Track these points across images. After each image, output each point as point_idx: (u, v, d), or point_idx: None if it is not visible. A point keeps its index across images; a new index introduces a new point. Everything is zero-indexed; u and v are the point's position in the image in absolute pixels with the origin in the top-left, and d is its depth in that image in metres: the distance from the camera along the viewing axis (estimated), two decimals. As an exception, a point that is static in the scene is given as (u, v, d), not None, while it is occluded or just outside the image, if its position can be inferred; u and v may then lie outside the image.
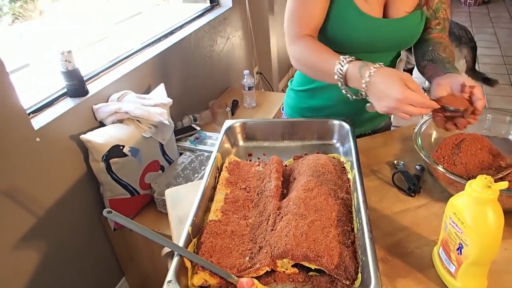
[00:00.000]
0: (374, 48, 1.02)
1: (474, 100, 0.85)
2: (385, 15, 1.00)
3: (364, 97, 0.86)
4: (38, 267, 1.42)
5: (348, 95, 0.90)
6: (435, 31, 1.07)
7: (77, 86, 1.50)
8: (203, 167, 1.74)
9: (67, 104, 1.48)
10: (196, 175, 1.69)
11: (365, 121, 1.19)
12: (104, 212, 0.67)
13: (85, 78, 1.56)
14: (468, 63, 2.91)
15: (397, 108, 0.78)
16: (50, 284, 1.49)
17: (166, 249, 0.84)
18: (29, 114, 1.38)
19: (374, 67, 0.80)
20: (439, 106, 0.82)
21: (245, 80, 2.34)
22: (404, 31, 1.02)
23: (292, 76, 1.25)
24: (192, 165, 1.74)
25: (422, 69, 1.04)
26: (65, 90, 1.52)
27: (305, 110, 1.21)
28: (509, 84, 3.54)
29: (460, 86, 0.87)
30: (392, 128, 1.34)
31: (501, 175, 0.87)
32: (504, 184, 0.60)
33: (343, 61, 0.85)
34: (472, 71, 2.94)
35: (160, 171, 1.71)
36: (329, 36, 0.99)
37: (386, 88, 0.78)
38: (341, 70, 0.85)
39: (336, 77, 0.86)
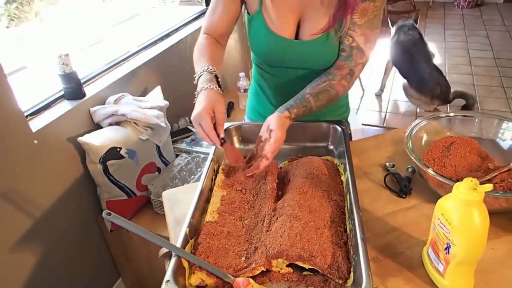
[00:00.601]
0: (284, 64, 1.09)
1: (258, 155, 0.94)
2: (299, 36, 1.04)
3: None
4: (35, 267, 1.43)
5: None
6: (340, 58, 1.03)
7: (74, 89, 1.51)
8: (199, 169, 1.76)
9: (65, 106, 1.49)
10: (192, 176, 1.71)
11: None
12: (104, 214, 0.69)
13: (82, 81, 1.58)
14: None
15: (194, 122, 0.91)
16: (47, 284, 1.50)
17: (163, 250, 0.86)
18: (26, 116, 1.39)
19: (204, 88, 0.94)
20: (218, 144, 0.92)
21: (240, 82, 2.36)
22: (310, 52, 1.04)
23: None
24: (189, 166, 1.76)
25: None
26: (62, 92, 1.53)
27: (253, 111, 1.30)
28: (501, 86, 3.59)
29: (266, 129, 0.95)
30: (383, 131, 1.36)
31: (488, 177, 0.90)
32: (488, 187, 0.63)
33: (202, 69, 0.99)
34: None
35: (157, 173, 1.72)
36: (250, 47, 1.11)
37: (197, 104, 0.92)
38: (197, 76, 0.99)
39: (197, 73, 1.00)
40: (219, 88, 0.96)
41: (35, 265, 1.43)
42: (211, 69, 0.98)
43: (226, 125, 1.12)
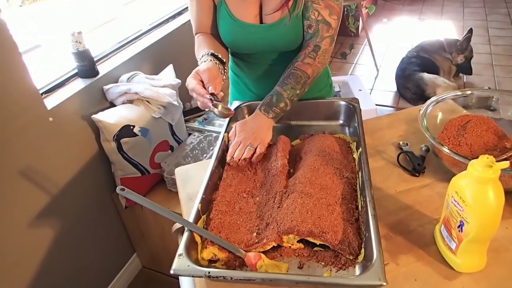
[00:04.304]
0: (253, 50, 1.10)
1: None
2: (263, 20, 1.04)
3: None
4: (52, 243, 1.48)
5: None
6: (307, 37, 1.02)
7: (87, 67, 1.52)
8: (211, 147, 1.77)
9: (78, 84, 1.51)
10: (204, 155, 1.72)
11: None
12: (118, 189, 0.70)
13: (95, 59, 1.58)
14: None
15: (191, 76, 0.93)
16: (64, 259, 1.55)
17: (176, 226, 0.87)
18: (41, 94, 1.41)
19: (210, 60, 0.96)
20: (208, 103, 0.90)
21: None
22: (275, 35, 1.03)
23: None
24: (201, 145, 1.77)
25: None
26: (76, 71, 1.54)
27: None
28: (520, 66, 3.49)
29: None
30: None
31: (505, 156, 0.89)
32: (505, 164, 0.61)
33: (205, 52, 0.99)
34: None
35: (170, 151, 1.74)
36: (220, 36, 1.11)
37: (199, 66, 0.96)
38: (200, 57, 1.00)
39: (199, 63, 1.00)
40: (219, 62, 0.98)
41: (52, 240, 1.47)
42: (208, 52, 0.99)
43: (238, 103, 1.12)
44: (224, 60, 1.01)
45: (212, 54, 0.99)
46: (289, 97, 1.00)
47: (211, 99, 0.89)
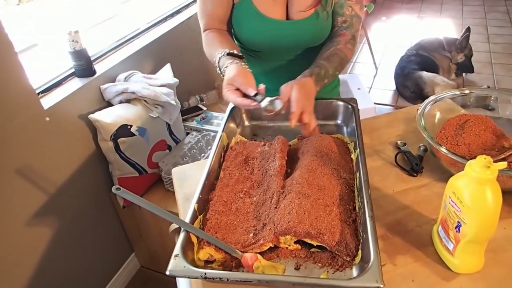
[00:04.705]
0: (276, 47, 1.08)
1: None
2: (289, 16, 1.04)
3: None
4: (50, 242, 1.47)
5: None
6: (341, 29, 1.07)
7: (84, 66, 1.51)
8: (209, 147, 1.76)
9: (75, 84, 1.50)
10: (202, 154, 1.72)
11: None
12: (113, 189, 0.70)
13: (92, 58, 1.57)
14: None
15: (226, 90, 0.89)
16: (62, 258, 1.54)
17: (174, 226, 0.87)
18: (38, 94, 1.40)
19: (231, 63, 0.92)
20: (252, 104, 0.87)
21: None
22: (302, 32, 1.04)
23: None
24: (199, 144, 1.76)
25: None
26: (73, 70, 1.53)
27: None
28: (520, 64, 3.49)
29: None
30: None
31: (503, 156, 0.88)
32: (502, 165, 0.61)
33: (218, 56, 0.97)
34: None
35: (167, 151, 1.73)
36: (236, 36, 1.10)
37: (226, 73, 0.91)
38: (218, 60, 0.97)
39: (216, 64, 0.99)
40: (239, 59, 0.95)
41: (50, 239, 1.47)
42: (226, 51, 0.96)
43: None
44: (241, 54, 0.99)
45: (229, 54, 0.96)
46: (330, 75, 0.99)
47: (257, 101, 0.87)
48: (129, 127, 1.50)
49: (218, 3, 1.05)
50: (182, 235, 0.72)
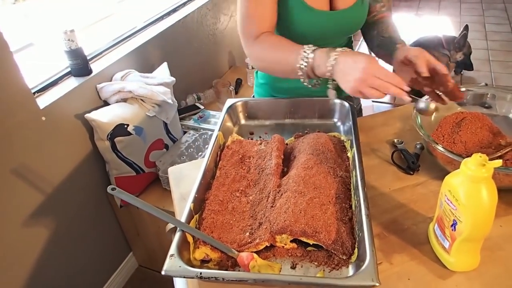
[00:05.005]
0: (322, 38, 1.06)
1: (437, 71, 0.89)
2: (332, 6, 1.04)
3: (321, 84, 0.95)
4: (48, 242, 1.47)
5: (306, 84, 0.94)
6: (380, 13, 1.11)
7: (80, 65, 1.51)
8: (206, 146, 1.76)
9: (71, 83, 1.49)
10: (200, 153, 1.71)
11: None
12: (108, 189, 0.70)
13: (88, 57, 1.57)
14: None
15: (364, 80, 0.77)
16: (60, 258, 1.54)
17: (170, 225, 0.87)
18: (34, 93, 1.39)
19: (341, 50, 0.83)
20: (404, 83, 0.78)
21: (248, 58, 2.32)
22: (349, 20, 1.06)
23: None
24: (196, 143, 1.76)
25: (379, 58, 1.09)
26: (69, 69, 1.52)
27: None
28: (517, 61, 3.49)
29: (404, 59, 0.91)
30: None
31: (499, 153, 0.88)
32: (497, 163, 0.61)
33: (308, 49, 0.87)
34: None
35: (165, 150, 1.73)
36: (279, 32, 1.04)
37: (353, 61, 0.79)
38: (306, 58, 0.87)
39: (299, 65, 0.88)
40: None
41: (48, 240, 1.47)
42: (309, 50, 0.87)
43: (232, 101, 1.11)
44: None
45: (316, 49, 0.87)
46: None
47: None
48: (125, 126, 1.50)
49: (268, 7, 0.98)
50: (177, 234, 0.72)
